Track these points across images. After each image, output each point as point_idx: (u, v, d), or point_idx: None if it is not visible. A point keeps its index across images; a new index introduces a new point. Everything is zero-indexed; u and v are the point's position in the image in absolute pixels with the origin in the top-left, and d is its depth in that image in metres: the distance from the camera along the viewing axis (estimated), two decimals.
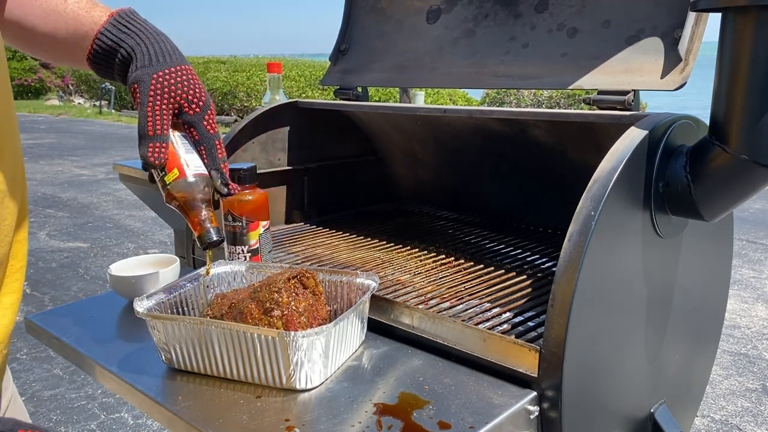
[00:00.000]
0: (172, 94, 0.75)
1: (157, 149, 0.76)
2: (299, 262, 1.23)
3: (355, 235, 1.41)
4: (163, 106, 0.75)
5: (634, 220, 0.85)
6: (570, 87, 1.07)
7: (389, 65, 1.39)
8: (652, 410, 1.00)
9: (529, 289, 1.06)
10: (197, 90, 0.77)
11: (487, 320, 0.93)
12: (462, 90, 11.88)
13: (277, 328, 0.78)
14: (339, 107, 1.45)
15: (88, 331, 0.97)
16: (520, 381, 0.80)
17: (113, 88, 15.51)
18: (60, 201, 5.89)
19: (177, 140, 0.80)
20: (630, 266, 0.87)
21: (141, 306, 0.83)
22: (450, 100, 12.22)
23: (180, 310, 0.90)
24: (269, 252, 1.10)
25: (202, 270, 0.93)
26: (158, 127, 0.75)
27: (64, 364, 2.71)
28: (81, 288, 3.65)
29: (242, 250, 1.05)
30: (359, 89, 1.45)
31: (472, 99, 12.79)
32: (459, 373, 0.82)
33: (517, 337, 0.83)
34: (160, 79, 0.75)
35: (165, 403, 0.76)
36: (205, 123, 0.79)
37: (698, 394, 1.21)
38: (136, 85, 0.75)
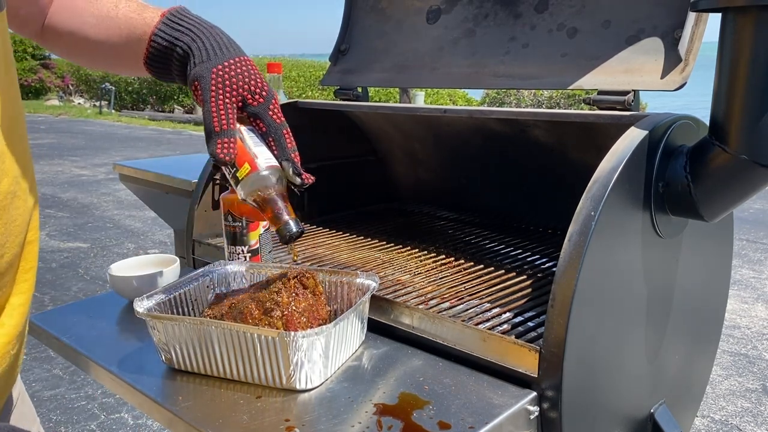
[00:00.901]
0: (234, 86, 0.73)
1: (226, 145, 0.73)
2: (299, 262, 1.23)
3: (355, 235, 1.41)
4: (227, 100, 0.73)
5: (634, 220, 0.85)
6: (570, 87, 1.07)
7: (389, 65, 1.39)
8: (652, 410, 1.00)
9: (529, 289, 1.06)
10: (258, 80, 0.75)
11: (487, 320, 0.93)
12: (462, 90, 11.89)
13: (277, 329, 0.78)
14: (339, 107, 1.45)
15: (88, 331, 0.97)
16: (520, 381, 0.80)
17: (113, 88, 15.52)
18: (60, 201, 5.89)
19: (245, 134, 0.77)
20: (630, 266, 0.87)
21: (141, 306, 0.83)
22: (450, 100, 12.22)
23: (180, 310, 0.90)
24: (269, 252, 1.10)
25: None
26: (224, 122, 0.73)
27: (64, 364, 2.71)
28: (81, 288, 3.65)
29: (242, 250, 1.05)
30: (359, 89, 1.45)
31: (472, 99, 12.80)
32: (459, 373, 0.82)
33: (517, 337, 0.83)
34: (221, 73, 0.73)
35: (165, 403, 0.76)
36: (271, 113, 0.77)
37: (698, 394, 1.21)
38: (197, 82, 0.73)
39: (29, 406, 0.79)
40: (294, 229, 0.78)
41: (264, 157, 0.77)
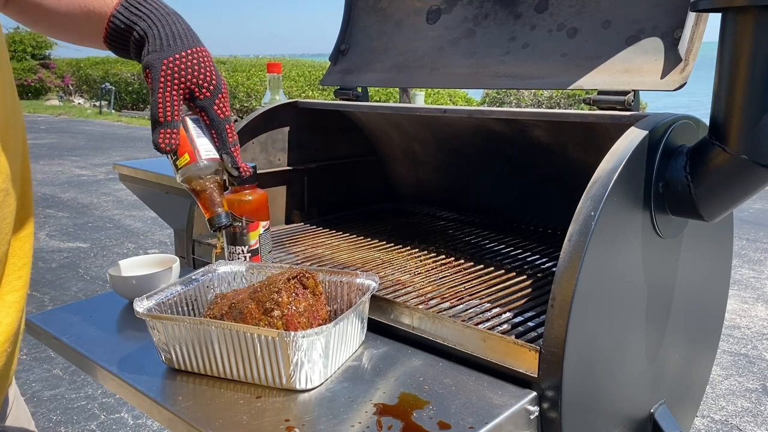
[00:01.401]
0: (182, 79, 0.75)
1: (167, 135, 0.76)
2: (299, 262, 1.23)
3: (355, 235, 1.41)
4: (174, 93, 0.75)
5: (634, 220, 0.85)
6: (570, 87, 1.07)
7: (389, 65, 1.39)
8: (652, 410, 1.00)
9: (529, 289, 1.06)
10: (208, 73, 0.77)
11: (487, 320, 0.93)
12: (462, 90, 11.88)
13: (277, 329, 0.78)
14: (339, 107, 1.45)
15: (88, 331, 0.97)
16: (520, 381, 0.80)
17: (113, 88, 15.52)
18: (60, 201, 5.89)
19: (189, 125, 0.81)
20: (630, 266, 0.87)
21: (141, 306, 0.83)
22: (450, 100, 12.22)
23: (180, 310, 0.90)
24: (269, 252, 1.10)
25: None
26: (168, 113, 0.75)
27: (64, 364, 2.71)
28: (81, 288, 3.64)
29: (242, 250, 1.05)
30: (359, 89, 1.45)
31: (472, 99, 12.79)
32: (459, 373, 0.82)
33: (517, 337, 0.83)
34: (170, 65, 0.74)
35: (165, 403, 0.76)
36: (216, 107, 0.79)
37: (698, 394, 1.21)
38: (148, 71, 0.75)
39: (24, 409, 0.78)
40: (223, 221, 0.84)
41: (204, 149, 0.81)
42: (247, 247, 1.05)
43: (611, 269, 0.83)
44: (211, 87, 0.78)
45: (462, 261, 1.22)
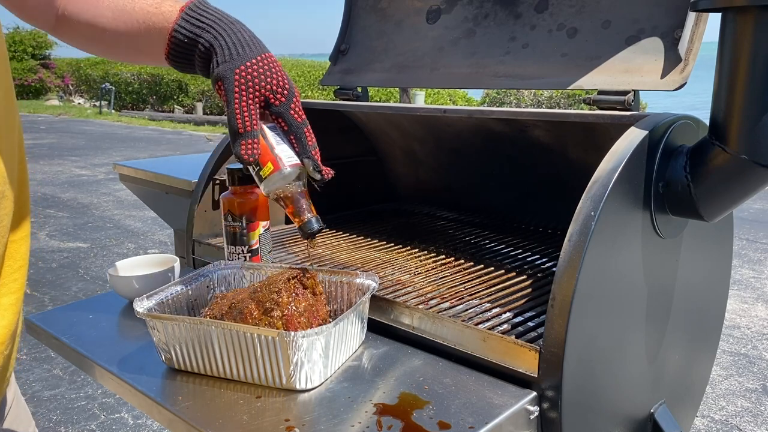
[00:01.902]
0: (257, 87, 0.74)
1: (249, 146, 0.75)
2: (299, 262, 1.23)
3: (355, 235, 1.41)
4: (250, 102, 0.74)
5: (634, 220, 0.85)
6: (570, 87, 1.07)
7: (389, 65, 1.39)
8: (652, 410, 1.00)
9: (529, 289, 1.06)
10: (280, 79, 0.76)
11: (487, 320, 0.93)
12: (462, 90, 11.88)
13: (277, 328, 0.78)
14: (339, 107, 1.45)
15: (88, 331, 0.97)
16: (520, 381, 0.80)
17: (113, 88, 15.52)
18: (60, 201, 5.89)
19: (267, 133, 0.79)
20: (630, 266, 0.87)
21: (141, 306, 0.83)
22: (450, 100, 12.22)
23: (180, 310, 0.90)
24: (269, 252, 1.10)
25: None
26: (248, 123, 0.74)
27: (64, 364, 2.71)
28: (81, 288, 3.64)
29: (242, 250, 1.05)
30: (359, 89, 1.45)
31: (472, 99, 12.80)
32: (459, 373, 0.82)
33: (517, 337, 0.83)
34: (243, 74, 0.73)
35: (165, 403, 0.76)
36: (292, 112, 0.78)
37: (698, 394, 1.21)
38: (220, 83, 0.74)
39: (24, 408, 0.78)
40: (315, 226, 0.82)
41: (286, 156, 0.79)
42: (247, 247, 1.05)
43: (611, 269, 0.83)
44: (285, 92, 0.76)
45: (462, 261, 1.22)
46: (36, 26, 0.81)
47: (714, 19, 0.90)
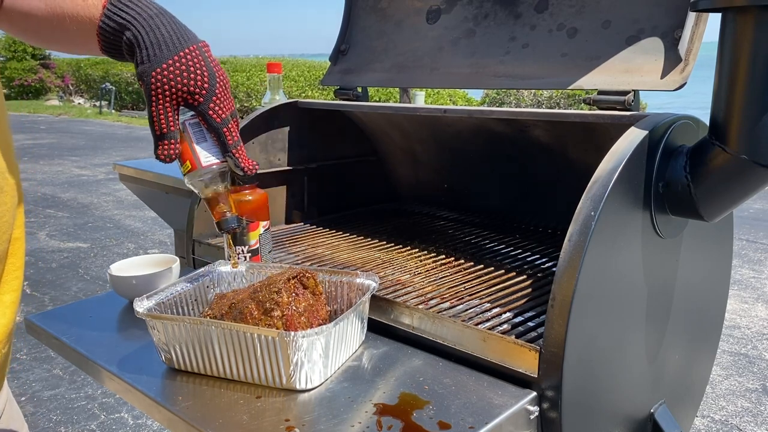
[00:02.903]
0: (173, 90, 0.74)
1: (165, 147, 0.77)
2: (299, 262, 1.23)
3: (355, 235, 1.41)
4: (166, 104, 0.75)
5: (634, 220, 0.85)
6: (570, 87, 1.07)
7: (389, 65, 1.39)
8: (652, 410, 1.00)
9: (529, 289, 1.06)
10: (198, 78, 0.75)
11: (487, 320, 0.93)
12: (462, 90, 11.88)
13: (277, 328, 0.78)
14: (339, 107, 1.45)
15: (88, 331, 0.97)
16: (520, 381, 0.80)
17: (113, 88, 15.52)
18: (60, 201, 5.89)
19: (189, 131, 0.81)
20: (630, 266, 0.87)
21: (141, 306, 0.83)
22: (450, 100, 12.21)
23: (180, 310, 0.90)
24: (269, 252, 1.10)
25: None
26: (164, 126, 0.76)
27: (64, 364, 2.71)
28: (81, 288, 3.64)
29: (242, 250, 1.05)
30: (359, 89, 1.45)
31: (472, 99, 12.79)
32: (459, 373, 0.82)
33: (517, 337, 0.83)
34: (159, 77, 0.74)
35: (165, 403, 0.76)
36: (211, 111, 0.78)
37: (698, 394, 1.21)
38: (141, 83, 0.75)
39: (17, 410, 0.78)
40: (230, 224, 0.86)
41: (204, 156, 0.82)
42: (247, 247, 1.05)
43: (611, 269, 0.83)
44: (203, 91, 0.76)
45: (462, 261, 1.22)
46: None
47: (714, 19, 0.90)
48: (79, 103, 17.48)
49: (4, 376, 0.69)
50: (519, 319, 0.94)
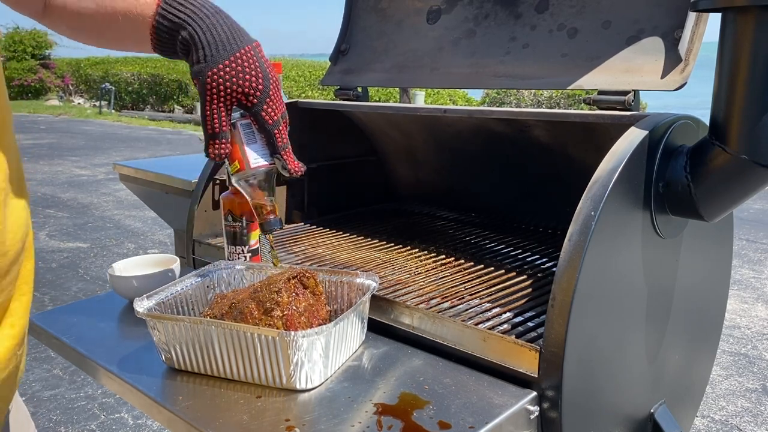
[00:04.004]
0: (228, 90, 0.75)
1: (217, 146, 0.77)
2: (299, 262, 1.23)
3: (355, 235, 1.41)
4: (220, 104, 0.75)
5: (634, 220, 0.85)
6: (570, 87, 1.07)
7: (389, 65, 1.39)
8: (652, 410, 1.00)
9: (529, 289, 1.06)
10: (253, 80, 0.76)
11: (488, 320, 0.93)
12: (462, 90, 11.88)
13: (277, 328, 0.78)
14: (339, 107, 1.45)
15: (88, 331, 0.97)
16: (520, 381, 0.80)
17: (113, 88, 15.52)
18: (60, 201, 5.89)
19: (240, 132, 0.82)
20: (630, 266, 0.87)
21: (141, 306, 0.83)
22: (450, 100, 12.22)
23: (180, 310, 0.90)
24: (269, 252, 1.09)
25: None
26: (216, 125, 0.76)
27: (64, 364, 2.71)
28: (81, 288, 3.64)
29: (242, 250, 1.05)
30: (359, 89, 1.45)
31: (472, 99, 12.79)
32: (459, 373, 0.82)
33: (517, 337, 0.83)
34: (215, 77, 0.74)
35: (165, 403, 0.76)
36: (264, 114, 0.78)
37: (698, 394, 1.21)
38: (195, 82, 0.75)
39: (24, 411, 0.78)
40: (274, 226, 0.87)
41: (253, 157, 0.83)
42: (247, 247, 1.05)
43: (611, 269, 0.83)
44: (258, 93, 0.76)
45: (462, 261, 1.22)
46: (24, 14, 0.81)
47: (714, 19, 0.90)
48: (78, 103, 17.48)
49: (19, 376, 0.68)
50: (519, 319, 0.94)
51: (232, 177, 0.85)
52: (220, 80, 0.74)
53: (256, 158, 0.83)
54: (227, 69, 0.74)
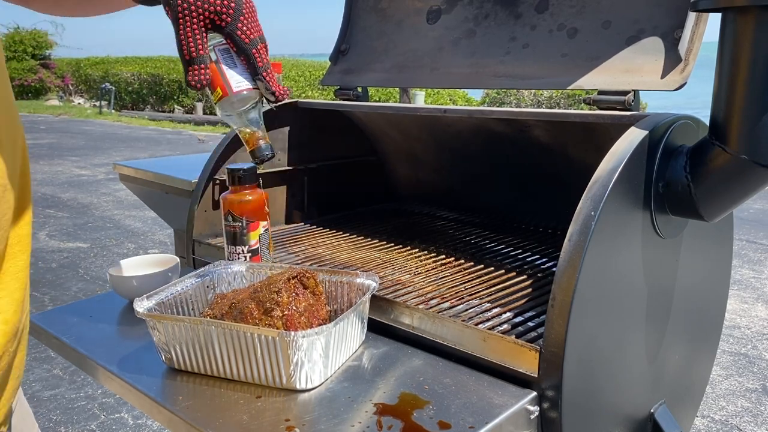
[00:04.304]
0: (200, 10, 0.73)
1: (196, 72, 0.75)
2: (299, 262, 1.23)
3: (355, 235, 1.41)
4: (194, 26, 0.73)
5: (634, 220, 0.85)
6: (570, 87, 1.07)
7: (389, 65, 1.39)
8: (652, 410, 1.00)
9: (529, 289, 1.06)
10: None
11: (487, 320, 0.93)
12: (462, 90, 11.88)
13: (277, 328, 0.78)
14: (339, 107, 1.45)
15: (88, 331, 0.97)
16: (520, 381, 0.80)
17: (113, 88, 15.52)
18: (60, 201, 5.89)
19: (219, 57, 0.79)
20: (630, 266, 0.87)
21: (141, 306, 0.83)
22: (450, 100, 12.22)
23: (180, 310, 0.90)
24: (269, 252, 1.10)
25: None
26: (192, 49, 0.73)
27: (64, 364, 2.71)
28: (81, 288, 3.64)
29: (242, 250, 1.05)
30: (359, 89, 1.45)
31: (472, 99, 12.79)
32: (459, 373, 0.82)
33: (517, 337, 0.83)
34: None
35: (165, 403, 0.76)
36: (239, 32, 0.76)
37: (698, 394, 1.21)
38: (167, 8, 0.73)
39: (27, 410, 0.78)
40: (265, 152, 0.83)
41: (235, 81, 0.79)
42: (247, 247, 1.05)
43: (611, 269, 0.83)
44: (230, 11, 0.74)
45: (462, 261, 1.22)
46: (7, 0, 0.80)
47: (714, 19, 0.90)
48: (78, 103, 17.48)
49: (18, 375, 0.68)
50: (519, 319, 0.94)
51: (217, 108, 0.81)
52: (191, 0, 0.72)
53: (238, 81, 0.79)
54: None
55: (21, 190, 0.64)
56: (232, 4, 0.75)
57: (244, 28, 0.76)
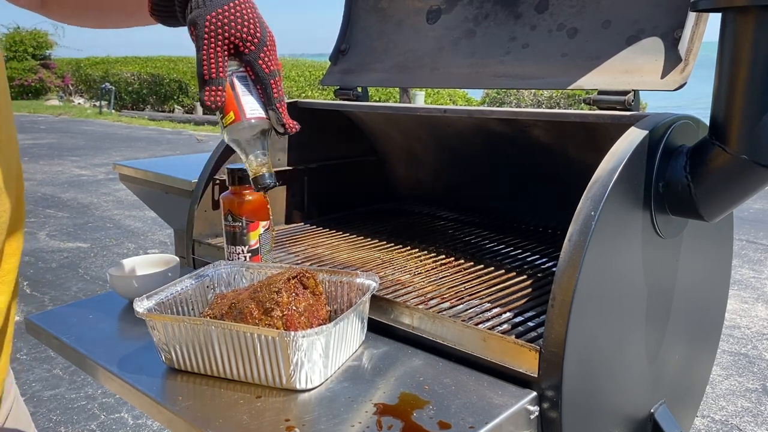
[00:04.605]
0: (226, 34, 0.73)
1: (213, 93, 0.75)
2: (299, 262, 1.23)
3: (355, 235, 1.41)
4: (218, 49, 0.74)
5: (634, 220, 0.85)
6: (570, 87, 1.07)
7: (389, 65, 1.39)
8: (652, 410, 1.00)
9: (529, 289, 1.06)
10: (251, 26, 0.75)
11: (487, 320, 0.93)
12: (462, 90, 11.89)
13: (277, 328, 0.78)
14: (339, 107, 1.45)
15: (88, 331, 0.97)
16: (520, 381, 0.80)
17: (113, 88, 15.52)
18: (60, 201, 5.89)
19: (236, 82, 0.79)
20: (630, 266, 0.87)
21: (141, 306, 0.83)
22: (450, 100, 12.22)
23: (180, 310, 0.90)
24: (269, 252, 1.09)
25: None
26: (213, 70, 0.74)
27: (64, 364, 2.71)
28: (81, 288, 3.64)
29: (242, 250, 1.05)
30: (359, 89, 1.45)
31: (472, 99, 12.80)
32: (459, 373, 0.82)
33: (517, 337, 0.83)
34: (213, 20, 0.73)
35: (165, 403, 0.76)
36: (260, 62, 0.77)
37: (698, 394, 1.21)
38: (191, 28, 0.74)
39: (24, 410, 0.78)
40: (267, 181, 0.83)
41: (249, 108, 0.80)
42: (247, 247, 1.05)
43: (611, 269, 0.83)
44: (255, 40, 0.76)
45: (462, 261, 1.22)
46: (24, 7, 0.80)
47: (714, 19, 0.90)
48: (79, 103, 17.47)
49: (7, 361, 0.68)
50: (519, 319, 0.94)
51: (225, 132, 0.81)
52: (218, 23, 0.73)
53: (252, 109, 0.80)
54: (225, 13, 0.73)
55: (17, 197, 0.64)
56: (258, 34, 0.76)
57: (266, 58, 0.77)
